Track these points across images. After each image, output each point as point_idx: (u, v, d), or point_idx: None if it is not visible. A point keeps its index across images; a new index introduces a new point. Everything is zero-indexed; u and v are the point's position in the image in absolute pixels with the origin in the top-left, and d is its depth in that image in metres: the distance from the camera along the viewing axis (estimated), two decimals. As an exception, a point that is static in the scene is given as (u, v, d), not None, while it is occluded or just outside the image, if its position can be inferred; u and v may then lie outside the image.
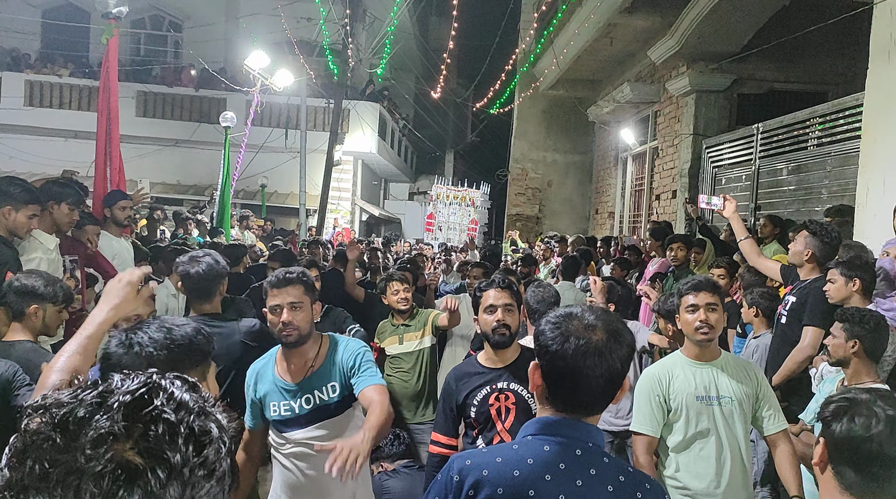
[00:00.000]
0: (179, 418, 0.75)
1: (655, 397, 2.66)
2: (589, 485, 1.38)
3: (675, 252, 5.59)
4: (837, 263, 3.47)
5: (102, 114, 5.43)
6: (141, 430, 0.73)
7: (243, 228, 10.81)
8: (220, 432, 0.78)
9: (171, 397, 0.77)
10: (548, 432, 1.44)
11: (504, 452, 1.44)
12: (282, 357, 2.54)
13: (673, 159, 10.52)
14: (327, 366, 2.51)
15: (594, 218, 15.61)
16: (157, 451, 0.72)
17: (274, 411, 2.49)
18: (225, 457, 0.78)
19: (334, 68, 14.81)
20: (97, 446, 0.71)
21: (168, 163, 17.46)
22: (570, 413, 1.45)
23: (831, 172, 6.65)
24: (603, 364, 1.40)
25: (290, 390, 2.47)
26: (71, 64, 18.00)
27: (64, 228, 4.11)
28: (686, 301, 2.69)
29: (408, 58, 20.77)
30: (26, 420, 0.75)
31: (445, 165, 27.42)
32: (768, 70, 9.29)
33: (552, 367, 1.43)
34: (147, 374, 0.80)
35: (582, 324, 1.44)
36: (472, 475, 1.40)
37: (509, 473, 1.38)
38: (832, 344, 2.89)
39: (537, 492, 1.36)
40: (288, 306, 2.42)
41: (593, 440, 1.45)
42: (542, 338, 1.46)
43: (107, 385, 0.77)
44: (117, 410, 0.73)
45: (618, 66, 12.81)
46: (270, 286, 2.47)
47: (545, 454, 1.40)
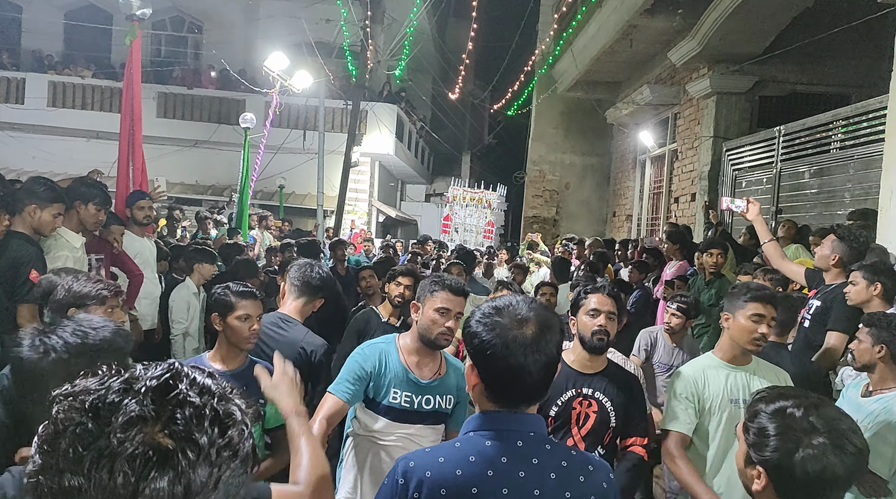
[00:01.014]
0: (204, 402, 0.78)
1: (692, 396, 2.65)
2: (532, 475, 1.38)
3: (714, 258, 5.53)
4: (861, 265, 3.45)
5: (125, 114, 5.50)
6: (169, 413, 0.75)
7: (262, 229, 10.89)
8: (242, 415, 0.81)
9: (193, 381, 0.80)
10: (488, 426, 1.44)
11: (447, 451, 1.43)
12: (410, 351, 2.55)
13: (692, 162, 10.44)
14: (448, 379, 2.58)
15: (611, 221, 15.54)
16: (185, 433, 0.74)
17: (394, 398, 2.49)
18: (248, 438, 0.81)
19: (353, 70, 14.87)
20: (128, 428, 0.73)
21: (187, 163, 17.61)
22: (509, 407, 1.44)
23: (854, 175, 6.57)
24: (542, 357, 1.40)
25: (419, 386, 2.51)
26: (93, 65, 18.24)
27: (90, 228, 4.17)
28: (753, 308, 2.63)
29: (425, 59, 20.81)
30: (56, 408, 0.77)
31: (462, 167, 27.40)
32: (790, 72, 9.19)
33: (492, 366, 1.42)
34: (169, 362, 0.83)
35: (513, 319, 1.43)
36: (416, 477, 1.39)
37: (452, 472, 1.38)
38: (858, 349, 2.85)
39: (480, 489, 1.36)
40: (455, 316, 2.51)
41: (534, 429, 1.45)
42: (476, 339, 1.44)
43: (131, 373, 0.80)
44: (145, 394, 0.76)
45: (637, 68, 12.75)
46: (447, 291, 2.53)
47: (486, 450, 1.40)
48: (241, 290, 2.73)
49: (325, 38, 16.05)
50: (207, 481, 0.74)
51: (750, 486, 1.44)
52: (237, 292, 2.71)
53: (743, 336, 2.64)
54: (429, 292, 2.52)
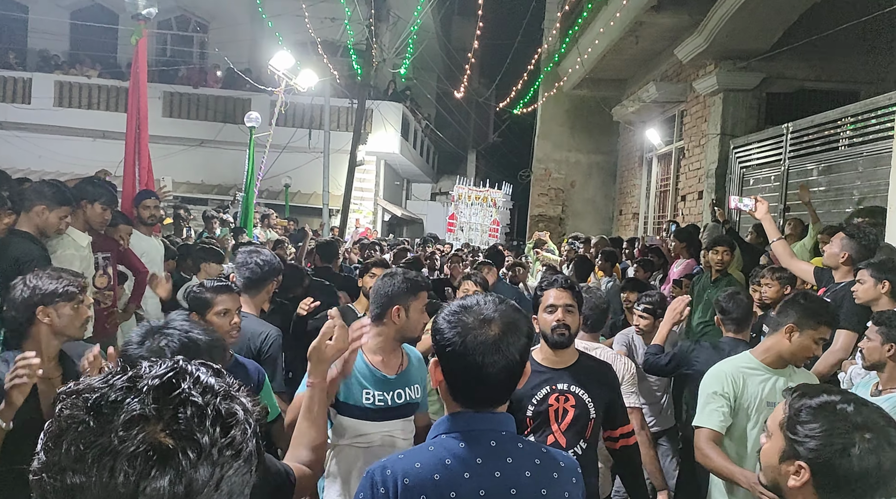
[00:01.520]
0: (206, 401, 0.78)
1: (728, 395, 2.62)
2: (507, 474, 1.39)
3: (720, 255, 5.48)
4: (868, 264, 3.43)
5: (132, 114, 5.52)
6: (171, 412, 0.75)
7: (265, 228, 10.90)
8: (245, 414, 0.81)
9: (197, 380, 0.80)
10: (459, 428, 1.44)
11: (422, 456, 1.43)
12: (374, 350, 2.55)
13: (699, 160, 10.40)
14: (411, 369, 2.61)
15: (618, 219, 15.50)
16: (186, 432, 0.75)
17: (367, 399, 2.48)
18: (251, 437, 0.81)
19: (358, 68, 14.87)
20: (129, 427, 0.73)
21: (193, 163, 17.66)
22: (475, 407, 1.45)
23: (863, 172, 6.53)
24: (501, 359, 1.39)
25: (388, 382, 2.51)
26: (99, 65, 18.29)
27: (96, 227, 4.19)
28: (823, 332, 2.67)
29: (430, 58, 20.79)
30: (60, 405, 0.78)
31: (467, 166, 27.39)
32: (798, 69, 9.14)
33: (452, 365, 1.43)
34: (173, 360, 0.83)
35: (477, 319, 1.43)
36: (396, 484, 1.39)
37: (430, 477, 1.37)
38: (867, 347, 2.83)
39: (459, 492, 1.36)
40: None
41: (505, 428, 1.45)
42: (439, 336, 1.45)
43: (136, 371, 0.80)
44: (147, 393, 0.76)
45: (643, 66, 12.70)
46: (428, 291, 2.63)
47: (461, 452, 1.40)
48: (216, 285, 2.74)
49: (331, 37, 16.06)
50: (209, 480, 0.75)
51: (782, 482, 1.41)
52: (213, 288, 2.72)
53: (802, 353, 2.66)
54: (412, 294, 2.54)
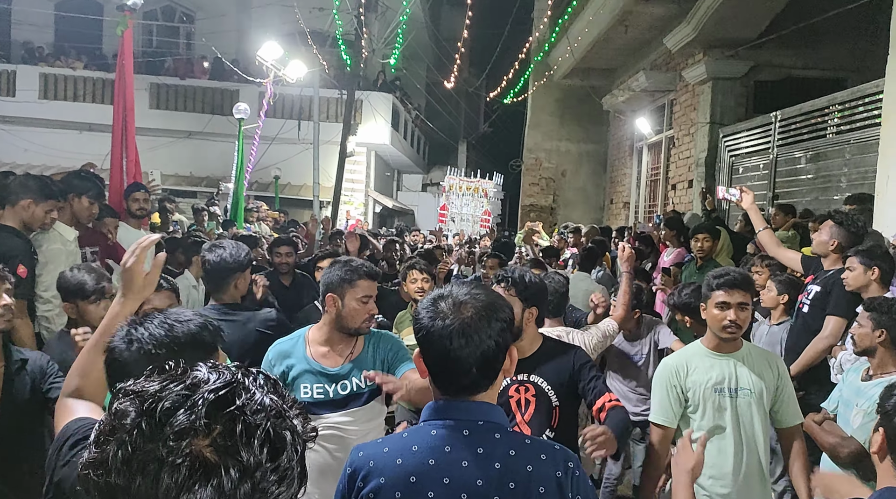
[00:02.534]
0: (258, 422, 0.78)
1: (672, 387, 2.62)
2: (475, 464, 1.37)
3: (700, 243, 5.52)
4: (857, 251, 3.46)
5: (118, 105, 5.45)
6: (220, 429, 0.75)
7: (255, 220, 10.85)
8: (294, 436, 0.81)
9: (251, 397, 0.79)
10: (437, 416, 1.43)
11: (393, 441, 1.44)
12: (320, 341, 2.55)
13: (689, 148, 10.42)
14: (365, 355, 2.57)
15: (609, 208, 15.53)
16: (232, 450, 0.75)
17: (305, 393, 2.49)
18: (297, 464, 0.80)
19: (347, 59, 14.77)
20: (179, 439, 0.74)
21: (181, 155, 17.53)
22: (454, 395, 1.43)
23: (850, 159, 6.56)
24: (471, 343, 1.37)
25: (328, 375, 2.50)
26: (84, 56, 18.10)
27: (84, 221, 4.15)
28: (716, 297, 2.59)
29: (420, 48, 20.68)
30: (116, 404, 0.78)
31: (458, 156, 27.33)
32: (786, 56, 9.16)
33: (426, 351, 1.42)
34: (233, 371, 0.82)
35: (449, 304, 1.41)
36: (363, 467, 1.41)
37: (392, 461, 1.38)
38: (858, 333, 2.85)
39: (419, 478, 1.36)
40: (372, 300, 2.53)
41: (484, 418, 1.42)
42: (416, 322, 1.44)
43: (194, 378, 0.80)
44: (202, 406, 0.76)
45: (633, 55, 12.69)
46: (366, 278, 2.54)
47: (431, 439, 1.39)
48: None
49: (319, 27, 15.94)
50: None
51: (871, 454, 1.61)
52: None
53: (714, 324, 2.60)
54: (347, 283, 2.49)
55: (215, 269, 3.02)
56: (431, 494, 1.35)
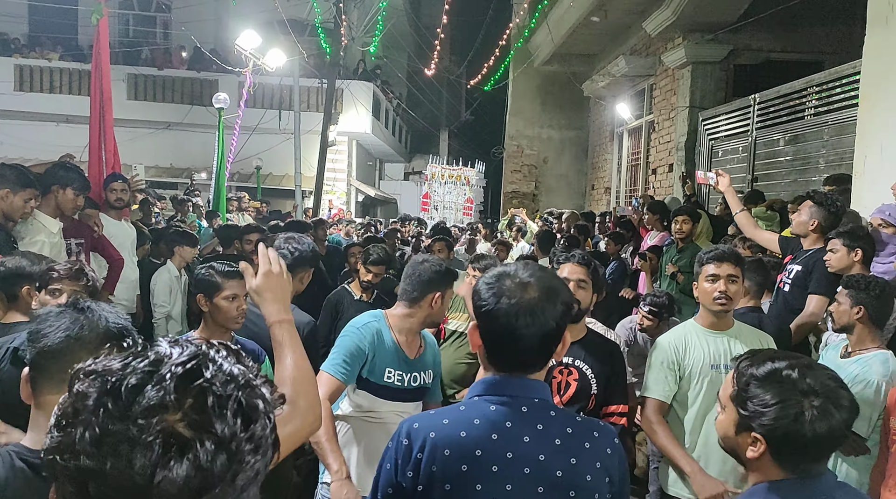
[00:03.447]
0: (228, 392, 0.76)
1: (672, 363, 2.67)
2: (536, 440, 1.40)
3: (679, 225, 5.60)
4: (839, 232, 3.51)
5: (95, 96, 5.38)
6: (191, 402, 0.73)
7: (237, 212, 10.77)
8: (265, 405, 0.79)
9: (220, 369, 0.78)
10: (493, 391, 1.45)
11: (451, 414, 1.45)
12: (402, 331, 2.58)
13: (669, 133, 10.48)
14: (426, 355, 2.66)
15: (590, 194, 15.60)
16: (206, 423, 0.73)
17: (388, 378, 2.51)
18: (271, 432, 0.79)
19: (327, 47, 14.66)
20: (148, 416, 0.71)
21: (161, 146, 17.32)
22: (510, 371, 1.46)
23: (828, 141, 6.64)
24: (536, 323, 1.40)
25: (408, 363, 2.56)
26: (60, 47, 17.78)
27: (68, 213, 4.11)
28: (706, 270, 2.67)
29: (400, 35, 20.56)
30: (77, 384, 0.75)
31: (440, 145, 27.29)
32: (764, 40, 9.23)
33: (487, 327, 1.45)
34: (197, 344, 0.81)
35: (514, 283, 1.44)
36: (421, 437, 1.41)
37: (456, 434, 1.39)
38: (837, 310, 2.90)
39: (484, 451, 1.38)
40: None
41: (539, 395, 1.46)
42: (477, 298, 1.46)
43: (157, 354, 0.77)
44: (169, 381, 0.74)
45: (613, 40, 12.72)
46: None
47: (491, 414, 1.41)
48: (227, 270, 2.72)
49: (298, 16, 15.78)
50: (226, 473, 0.73)
51: (741, 452, 1.43)
52: (224, 273, 2.70)
53: (705, 298, 2.67)
54: (449, 284, 2.64)
55: (290, 261, 3.05)
56: (495, 468, 1.37)
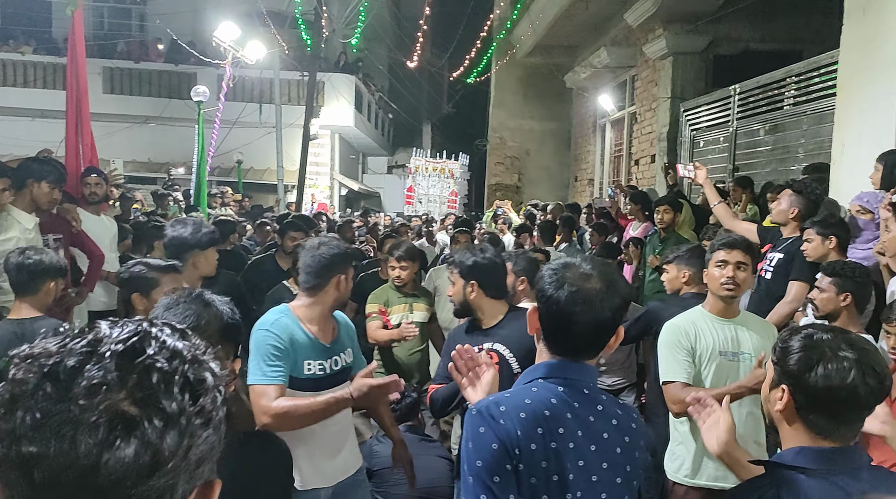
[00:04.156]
0: (174, 367, 0.74)
1: (685, 347, 2.67)
2: (599, 420, 1.51)
3: (661, 215, 5.63)
4: (813, 222, 3.56)
5: (71, 90, 5.28)
6: (135, 380, 0.71)
7: (220, 205, 10.68)
8: (214, 379, 0.77)
9: (163, 345, 0.76)
10: (556, 374, 1.53)
11: (529, 394, 1.50)
12: (311, 317, 2.52)
13: (651, 124, 10.53)
14: (341, 332, 2.64)
15: (574, 185, 15.65)
16: (152, 400, 0.71)
17: (308, 370, 2.48)
18: (221, 405, 0.77)
19: (307, 39, 14.53)
20: (91, 396, 0.69)
21: (139, 141, 17.12)
22: (566, 356, 1.54)
23: (807, 130, 6.70)
24: (591, 312, 1.48)
25: (325, 350, 2.52)
26: (33, 40, 17.47)
27: (45, 207, 4.02)
28: (717, 256, 2.72)
29: (381, 28, 20.46)
30: (13, 370, 0.73)
31: (423, 138, 27.22)
32: (744, 30, 9.28)
33: (547, 311, 1.53)
34: (137, 321, 0.78)
35: (577, 272, 1.52)
36: (513, 418, 1.43)
37: (542, 412, 1.46)
38: (821, 298, 2.91)
39: (565, 429, 1.46)
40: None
41: (594, 381, 1.57)
42: (541, 283, 1.55)
43: (95, 334, 0.75)
44: (109, 359, 0.72)
45: (594, 31, 12.73)
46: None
47: (561, 395, 1.50)
48: (162, 265, 2.66)
49: (277, 7, 15.63)
50: (177, 449, 0.71)
51: (773, 412, 1.48)
52: (159, 268, 2.64)
53: (713, 284, 2.72)
54: (348, 264, 2.65)
55: (172, 245, 3.00)
56: (572, 444, 1.45)
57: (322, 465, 2.53)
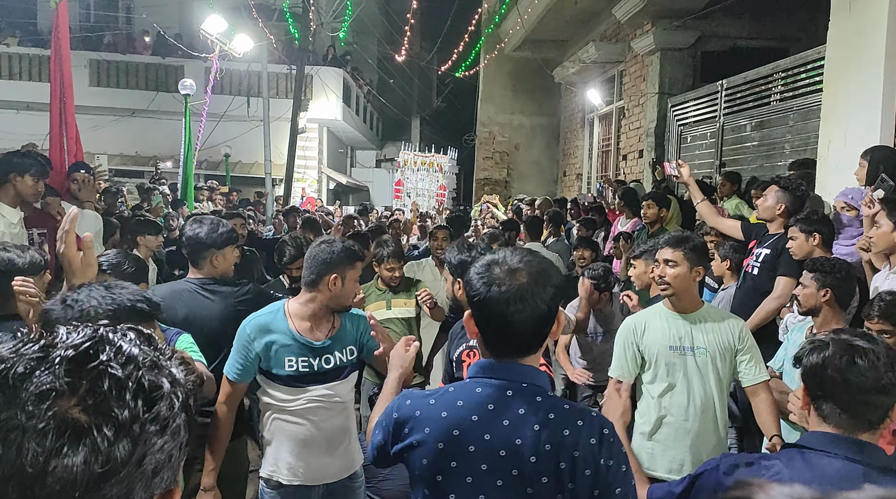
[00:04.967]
0: (127, 373, 0.73)
1: (630, 344, 2.78)
2: (515, 424, 1.43)
3: (644, 210, 5.68)
4: (797, 220, 3.57)
5: (55, 82, 5.23)
6: (86, 386, 0.70)
7: (206, 199, 10.62)
8: (172, 385, 0.76)
9: (118, 350, 0.74)
10: (483, 374, 1.50)
11: (439, 395, 1.51)
12: (303, 316, 2.53)
13: (639, 119, 10.56)
14: (344, 330, 2.63)
15: (562, 180, 15.67)
16: (103, 407, 0.70)
17: (290, 366, 2.49)
18: (179, 411, 0.76)
19: (295, 32, 14.44)
20: (39, 402, 0.68)
21: (125, 134, 16.96)
22: (503, 356, 1.49)
23: (793, 126, 6.74)
24: (527, 309, 1.42)
25: (313, 348, 2.51)
26: (18, 32, 17.25)
27: (29, 200, 3.98)
28: (657, 256, 2.83)
29: (370, 21, 20.34)
30: None
31: (412, 132, 27.14)
32: (731, 27, 9.32)
33: (480, 315, 1.47)
34: (94, 327, 0.77)
35: (503, 270, 1.46)
36: (408, 416, 1.49)
37: (438, 414, 1.46)
38: (803, 294, 2.94)
39: (462, 431, 1.43)
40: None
41: (529, 380, 1.48)
42: (469, 287, 1.49)
43: (50, 338, 0.74)
44: (59, 364, 0.71)
45: (583, 26, 12.73)
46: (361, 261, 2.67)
47: (476, 396, 1.46)
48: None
49: (265, 0, 15.51)
50: (129, 457, 0.70)
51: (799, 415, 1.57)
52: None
53: (653, 284, 2.86)
54: (349, 264, 2.55)
55: (190, 243, 2.95)
56: (472, 447, 1.43)
57: (310, 461, 2.53)
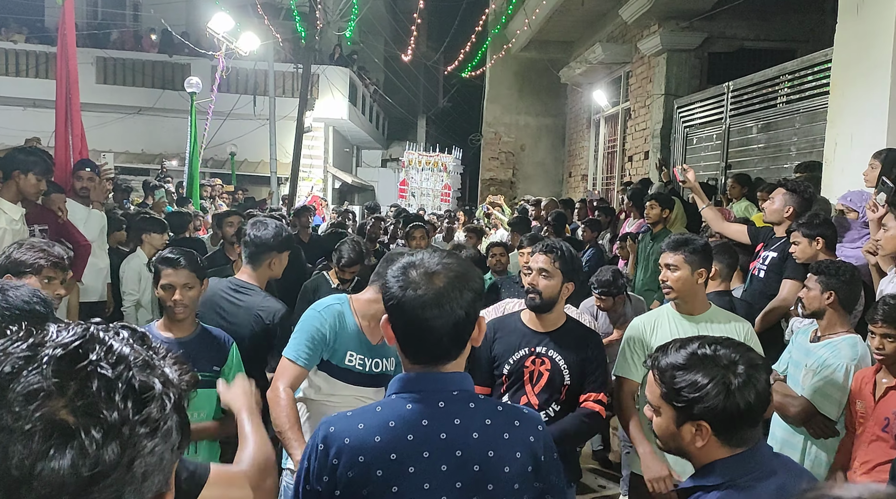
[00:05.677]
0: (117, 374, 0.71)
1: (638, 343, 2.76)
2: (454, 435, 1.36)
3: (647, 211, 5.66)
4: (799, 224, 3.54)
5: (61, 79, 5.24)
6: (75, 387, 0.68)
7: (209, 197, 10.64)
8: (165, 386, 0.74)
9: (109, 350, 0.73)
10: (409, 388, 1.41)
11: (367, 416, 1.39)
12: (366, 314, 2.50)
13: (645, 120, 10.53)
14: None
15: (567, 181, 15.64)
16: (91, 409, 0.68)
17: (349, 361, 2.47)
18: (171, 412, 0.74)
19: (302, 31, 14.46)
20: (26, 403, 0.67)
21: (132, 132, 17.02)
22: (425, 365, 1.41)
23: (800, 128, 6.71)
24: (443, 314, 1.35)
25: (371, 349, 2.50)
26: (26, 29, 17.33)
27: (31, 198, 3.99)
28: (662, 258, 2.83)
29: (377, 20, 20.37)
30: None
31: (417, 131, 27.14)
32: (738, 28, 9.29)
33: (396, 320, 1.40)
34: (85, 325, 0.75)
35: (419, 273, 1.38)
36: (336, 444, 1.37)
37: (370, 439, 1.35)
38: (807, 296, 2.93)
39: (399, 454, 1.34)
40: None
41: (458, 387, 1.41)
42: (386, 291, 1.42)
43: (40, 337, 0.72)
44: (48, 364, 0.69)
45: (589, 27, 12.71)
46: None
47: (407, 413, 1.37)
48: (166, 256, 2.64)
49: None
50: (119, 460, 0.68)
51: (686, 445, 1.45)
52: (162, 259, 2.64)
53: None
54: None
55: (255, 244, 2.96)
56: (412, 468, 1.34)
57: None
